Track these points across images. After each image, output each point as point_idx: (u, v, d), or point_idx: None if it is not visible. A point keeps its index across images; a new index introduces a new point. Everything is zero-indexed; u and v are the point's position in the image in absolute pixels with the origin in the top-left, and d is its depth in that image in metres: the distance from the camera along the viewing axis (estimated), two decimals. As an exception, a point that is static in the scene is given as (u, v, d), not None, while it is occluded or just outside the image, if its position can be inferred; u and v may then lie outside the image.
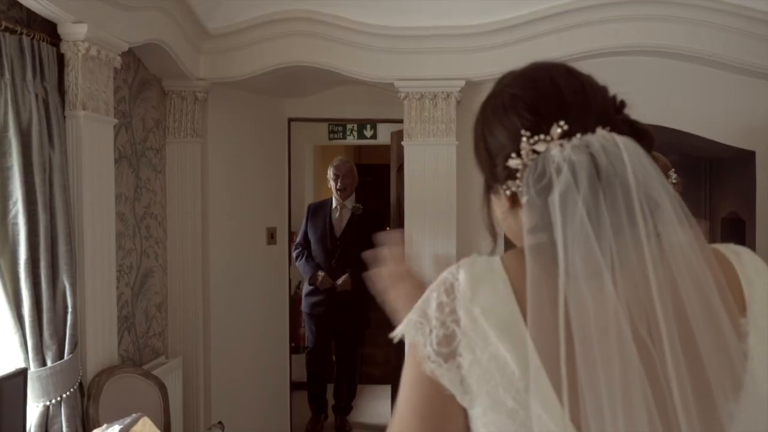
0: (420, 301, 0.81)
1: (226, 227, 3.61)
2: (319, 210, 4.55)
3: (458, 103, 3.31)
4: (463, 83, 3.25)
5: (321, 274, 4.32)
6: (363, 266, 4.59)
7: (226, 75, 3.37)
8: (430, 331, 0.78)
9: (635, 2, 3.08)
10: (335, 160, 4.62)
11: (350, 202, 4.49)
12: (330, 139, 5.70)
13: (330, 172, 4.57)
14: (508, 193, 0.82)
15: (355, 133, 5.59)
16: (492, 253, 0.87)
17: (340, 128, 5.61)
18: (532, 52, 3.19)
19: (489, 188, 0.89)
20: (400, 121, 3.40)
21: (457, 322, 0.77)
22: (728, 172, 2.12)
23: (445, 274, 0.82)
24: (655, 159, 2.19)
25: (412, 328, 0.80)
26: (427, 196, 3.30)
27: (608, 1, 3.08)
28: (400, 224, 3.93)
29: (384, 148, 5.06)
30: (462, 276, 0.80)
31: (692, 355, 0.73)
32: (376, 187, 6.14)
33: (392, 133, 4.51)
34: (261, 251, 3.91)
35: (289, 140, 4.17)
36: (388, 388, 4.52)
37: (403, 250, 1.17)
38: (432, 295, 0.80)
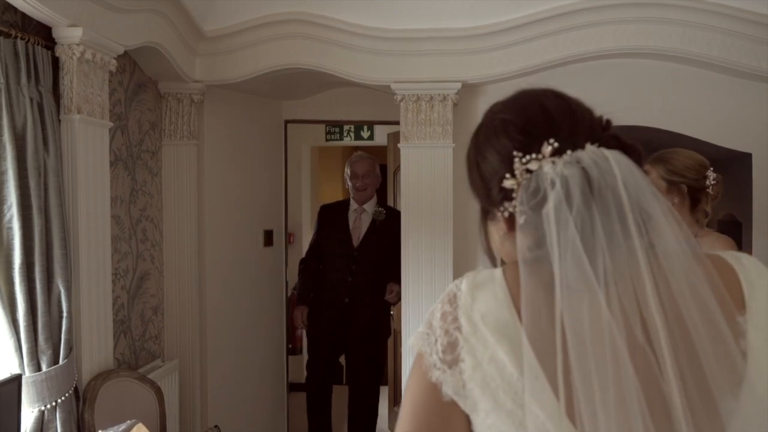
0: (428, 314, 0.85)
1: (222, 229, 3.60)
2: (333, 213, 4.02)
3: (455, 105, 3.31)
4: (459, 85, 3.25)
5: (296, 313, 3.94)
6: (384, 279, 4.10)
7: (222, 77, 3.36)
8: (435, 340, 0.82)
9: (632, 5, 3.07)
10: (353, 156, 4.08)
11: (371, 206, 3.95)
12: (327, 140, 5.68)
13: (347, 170, 4.03)
14: (506, 214, 0.84)
15: (352, 135, 5.58)
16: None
17: (337, 129, 5.60)
18: (529, 54, 3.19)
19: (486, 214, 0.91)
20: (397, 123, 3.39)
21: (459, 329, 0.81)
22: (725, 174, 2.12)
23: (450, 285, 0.85)
24: (692, 158, 2.12)
25: (420, 339, 0.84)
26: (424, 199, 3.29)
27: (605, 4, 3.08)
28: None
29: (383, 149, 5.04)
30: (464, 285, 0.84)
31: (692, 358, 0.75)
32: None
33: (389, 135, 4.49)
34: (258, 253, 3.90)
35: (286, 142, 4.17)
36: (385, 390, 4.52)
37: None
38: (437, 306, 0.84)
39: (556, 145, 0.80)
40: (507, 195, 0.82)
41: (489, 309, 0.81)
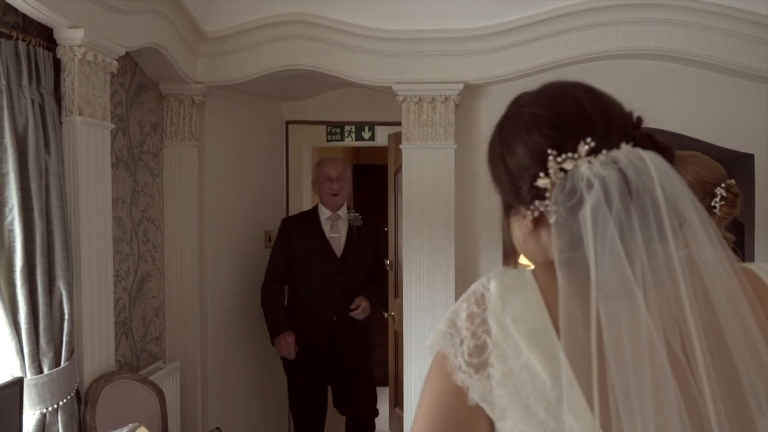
0: (449, 312, 0.81)
1: (223, 230, 3.60)
2: (301, 225, 3.63)
3: (457, 106, 3.31)
4: (461, 86, 3.24)
5: (287, 339, 3.44)
6: (370, 291, 3.59)
7: (223, 78, 3.36)
8: (461, 341, 0.78)
9: (633, 6, 3.07)
10: (324, 158, 3.77)
11: (345, 212, 3.68)
12: (328, 141, 5.67)
13: (318, 173, 3.68)
14: (536, 214, 0.80)
15: (353, 135, 5.57)
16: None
17: (338, 130, 5.59)
18: (531, 55, 3.19)
19: (509, 209, 0.88)
20: (399, 124, 3.39)
21: (488, 332, 0.77)
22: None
23: (475, 285, 0.81)
24: (699, 176, 1.89)
25: (442, 338, 0.79)
26: (425, 200, 3.28)
27: (606, 5, 3.07)
28: (397, 227, 3.92)
29: (384, 150, 5.03)
30: (493, 286, 0.79)
31: (727, 369, 0.73)
32: (376, 188, 6.12)
33: (390, 136, 4.48)
34: (258, 254, 3.90)
35: (287, 143, 4.16)
36: (385, 390, 4.51)
37: None
38: (462, 306, 0.80)
39: (592, 144, 0.77)
40: (538, 194, 0.79)
41: (521, 314, 0.77)
